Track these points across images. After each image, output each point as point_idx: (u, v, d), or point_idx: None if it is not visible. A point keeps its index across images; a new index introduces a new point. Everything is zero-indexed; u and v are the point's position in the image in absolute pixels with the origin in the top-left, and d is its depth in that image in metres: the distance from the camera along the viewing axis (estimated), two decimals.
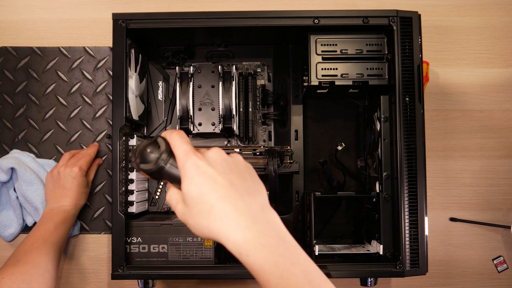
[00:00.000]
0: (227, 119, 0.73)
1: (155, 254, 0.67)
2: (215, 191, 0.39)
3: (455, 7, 0.85)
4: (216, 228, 0.38)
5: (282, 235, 0.39)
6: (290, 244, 0.39)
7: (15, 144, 0.81)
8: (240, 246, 0.38)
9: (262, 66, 0.79)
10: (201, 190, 0.39)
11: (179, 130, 0.43)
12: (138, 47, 0.73)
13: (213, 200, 0.38)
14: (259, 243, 0.38)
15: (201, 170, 0.39)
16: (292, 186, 0.77)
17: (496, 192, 0.82)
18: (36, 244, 0.66)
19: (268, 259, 0.37)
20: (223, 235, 0.38)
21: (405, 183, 0.64)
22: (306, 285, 0.37)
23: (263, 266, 0.37)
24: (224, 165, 0.41)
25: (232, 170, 0.41)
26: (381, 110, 0.68)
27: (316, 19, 0.66)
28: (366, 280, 0.68)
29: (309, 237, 0.69)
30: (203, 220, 0.39)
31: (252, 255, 0.37)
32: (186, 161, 0.40)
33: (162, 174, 0.43)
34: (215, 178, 0.39)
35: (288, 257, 0.38)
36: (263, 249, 0.37)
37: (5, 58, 0.82)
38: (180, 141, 0.42)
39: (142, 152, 0.44)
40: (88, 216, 0.80)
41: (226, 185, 0.39)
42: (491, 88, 0.83)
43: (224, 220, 0.38)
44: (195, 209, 0.39)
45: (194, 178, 0.39)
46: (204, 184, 0.39)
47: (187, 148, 0.41)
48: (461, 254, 0.81)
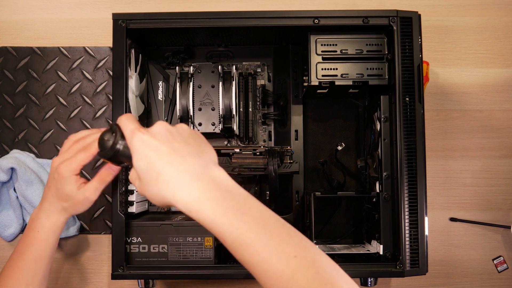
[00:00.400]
0: (227, 119, 0.73)
1: (155, 254, 0.67)
2: (160, 159, 0.41)
3: (455, 7, 0.85)
4: (165, 193, 0.41)
5: (229, 189, 0.41)
6: (240, 195, 0.41)
7: (15, 144, 0.81)
8: (187, 204, 0.40)
9: (262, 66, 0.79)
10: (148, 161, 0.42)
11: (127, 113, 0.47)
12: (138, 47, 0.73)
13: (159, 167, 0.41)
14: (205, 197, 0.40)
15: (146, 143, 0.42)
16: (292, 186, 0.77)
17: (496, 192, 0.82)
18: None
19: (217, 212, 0.39)
20: (172, 197, 0.40)
21: (405, 183, 0.64)
22: (258, 231, 0.39)
23: (213, 219, 0.39)
24: (168, 134, 0.43)
25: (175, 137, 0.43)
26: (381, 110, 0.68)
27: (316, 19, 0.66)
28: (366, 280, 0.68)
29: (309, 237, 0.69)
30: (154, 188, 0.41)
31: (201, 210, 0.39)
32: (132, 138, 0.43)
33: (119, 157, 0.47)
34: (159, 147, 0.42)
35: (237, 207, 0.40)
36: (210, 203, 0.39)
37: (5, 58, 0.82)
38: (126, 122, 0.46)
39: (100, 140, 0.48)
40: (88, 216, 0.80)
41: (169, 152, 0.41)
42: (491, 88, 0.83)
43: (170, 183, 0.40)
44: (145, 180, 0.42)
45: (141, 152, 0.42)
46: (149, 155, 0.42)
47: (132, 127, 0.44)
48: (461, 254, 0.81)
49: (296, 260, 0.38)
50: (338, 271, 0.39)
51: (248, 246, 0.38)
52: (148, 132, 0.43)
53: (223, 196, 0.40)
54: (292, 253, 0.38)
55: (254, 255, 0.38)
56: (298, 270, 0.37)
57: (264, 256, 0.38)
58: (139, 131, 0.43)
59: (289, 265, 0.37)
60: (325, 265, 0.39)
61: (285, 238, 0.39)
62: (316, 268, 0.38)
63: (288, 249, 0.38)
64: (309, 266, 0.37)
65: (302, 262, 0.38)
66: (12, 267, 0.60)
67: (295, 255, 0.38)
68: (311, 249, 0.39)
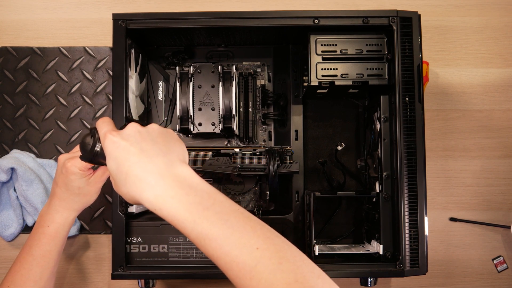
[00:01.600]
0: (227, 119, 0.73)
1: (155, 254, 0.67)
2: (128, 160, 0.43)
3: (455, 7, 0.85)
4: (133, 192, 0.42)
5: (193, 185, 0.42)
6: (203, 191, 0.42)
7: (15, 144, 0.81)
8: (152, 202, 0.41)
9: (262, 66, 0.79)
10: (118, 162, 0.43)
11: (104, 117, 0.49)
12: (138, 47, 0.73)
13: (126, 168, 0.42)
14: (168, 195, 0.41)
15: (116, 145, 0.44)
16: (292, 186, 0.77)
17: (496, 192, 0.82)
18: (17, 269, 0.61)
19: (179, 208, 0.40)
20: (138, 196, 0.42)
21: (405, 183, 0.64)
22: (221, 225, 0.40)
23: (176, 216, 0.40)
24: (137, 135, 0.44)
25: (144, 138, 0.45)
26: (381, 110, 0.68)
27: (316, 19, 0.66)
28: (366, 280, 0.68)
29: (309, 237, 0.69)
30: (123, 188, 0.43)
31: (164, 208, 0.41)
32: (104, 141, 0.45)
33: (98, 159, 0.49)
34: (128, 148, 0.43)
35: (200, 203, 0.41)
36: (173, 200, 0.41)
37: (5, 58, 0.82)
38: (101, 125, 0.47)
39: (81, 144, 0.50)
40: (88, 216, 0.80)
41: (137, 152, 0.43)
42: (491, 88, 0.83)
43: (137, 183, 0.42)
44: (117, 180, 0.43)
45: (112, 153, 0.44)
46: (119, 156, 0.43)
47: (106, 129, 0.46)
48: (461, 254, 0.81)
49: (259, 252, 0.38)
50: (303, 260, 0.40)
51: (210, 241, 0.39)
52: (119, 134, 0.45)
53: (186, 193, 0.41)
54: (254, 245, 0.39)
55: (216, 249, 0.39)
56: (260, 261, 0.38)
57: (226, 249, 0.39)
58: (110, 133, 0.45)
59: (251, 256, 0.38)
60: (289, 255, 0.39)
61: (248, 231, 0.40)
62: (279, 258, 0.38)
63: (250, 241, 0.39)
64: (271, 256, 0.38)
65: (265, 253, 0.38)
66: (20, 262, 0.60)
67: (257, 247, 0.39)
68: (275, 240, 0.40)
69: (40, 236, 0.61)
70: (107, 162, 0.44)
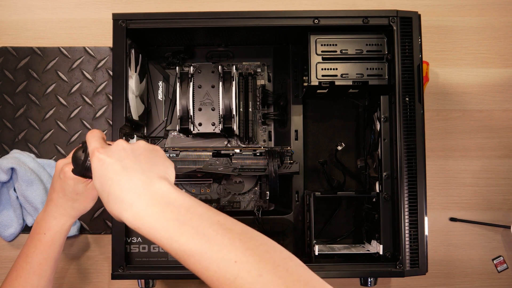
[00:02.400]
0: (227, 119, 0.73)
1: (155, 254, 0.67)
2: (110, 179, 0.42)
3: (455, 7, 0.85)
4: (114, 211, 0.42)
5: (171, 201, 0.41)
6: (180, 206, 0.41)
7: (15, 144, 0.81)
8: (131, 221, 0.41)
9: (262, 66, 0.79)
10: (101, 181, 0.43)
11: (92, 130, 0.49)
12: (138, 47, 0.73)
13: (108, 187, 0.42)
14: (144, 214, 0.40)
15: (101, 162, 0.43)
16: (292, 186, 0.77)
17: (496, 192, 0.82)
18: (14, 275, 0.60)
19: (156, 226, 0.40)
20: (119, 215, 0.42)
21: (405, 183, 0.64)
22: (197, 240, 0.39)
23: (153, 234, 0.40)
24: (122, 153, 0.44)
25: (128, 155, 0.44)
26: (381, 110, 0.68)
27: (316, 19, 0.66)
28: (366, 280, 0.68)
29: (309, 237, 0.69)
30: (107, 206, 0.43)
31: (142, 227, 0.40)
32: (92, 158, 0.44)
33: (89, 173, 0.48)
34: (112, 166, 0.43)
35: (177, 219, 0.40)
36: (149, 219, 0.40)
37: (5, 58, 0.82)
38: (90, 140, 0.47)
39: (73, 158, 0.50)
40: (88, 216, 0.80)
41: (119, 170, 0.43)
42: (491, 88, 0.83)
43: (117, 203, 0.42)
44: (102, 198, 0.43)
45: (97, 171, 0.43)
46: (103, 174, 0.43)
47: (94, 145, 0.46)
48: (461, 254, 0.81)
49: (237, 265, 0.37)
50: (288, 268, 0.37)
51: (189, 256, 0.39)
52: (105, 151, 0.44)
53: (162, 210, 0.41)
54: (233, 258, 0.38)
55: (196, 264, 0.39)
56: (239, 275, 0.37)
57: (205, 264, 0.38)
58: (97, 150, 0.44)
59: (230, 270, 0.37)
60: (270, 266, 0.37)
61: (226, 244, 0.39)
62: (258, 270, 0.37)
63: (229, 255, 0.38)
64: (250, 269, 0.37)
65: (244, 266, 0.37)
66: (17, 270, 0.59)
67: (235, 260, 0.37)
68: (255, 250, 0.38)
69: (37, 244, 0.60)
70: (94, 179, 0.44)
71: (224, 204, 0.79)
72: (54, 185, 0.60)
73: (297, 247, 0.75)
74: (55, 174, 0.60)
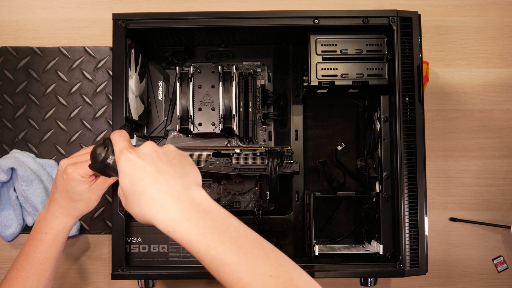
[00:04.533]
0: (227, 119, 0.73)
1: (155, 254, 0.67)
2: (143, 180, 0.42)
3: (455, 7, 0.85)
4: (146, 213, 0.42)
5: (208, 209, 0.42)
6: (218, 215, 0.42)
7: (15, 144, 0.81)
8: (166, 224, 0.41)
9: (262, 66, 0.79)
10: (132, 181, 0.42)
11: (120, 130, 0.48)
12: (138, 47, 0.73)
13: (141, 188, 0.42)
14: (183, 218, 0.40)
15: (132, 162, 0.43)
16: (292, 186, 0.77)
17: (496, 192, 0.82)
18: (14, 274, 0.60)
19: (194, 232, 0.40)
20: (152, 217, 0.41)
21: (405, 183, 0.64)
22: (235, 251, 0.39)
23: (190, 239, 0.40)
24: (154, 155, 0.44)
25: (160, 158, 0.44)
26: (381, 110, 0.68)
27: (316, 19, 0.66)
28: (366, 280, 0.68)
29: (309, 237, 0.69)
30: (136, 207, 0.42)
31: (179, 231, 0.40)
32: (119, 157, 0.44)
33: (108, 171, 0.48)
34: (144, 167, 0.43)
35: (215, 228, 0.40)
36: (188, 224, 0.40)
37: (5, 58, 0.82)
38: (117, 139, 0.47)
39: (92, 153, 0.50)
40: (88, 216, 0.80)
41: (153, 172, 0.42)
42: (491, 88, 0.83)
43: (151, 204, 0.41)
44: (129, 198, 0.43)
45: (126, 171, 0.43)
46: (134, 174, 0.43)
47: (122, 145, 0.45)
48: (461, 254, 0.81)
49: (271, 280, 0.38)
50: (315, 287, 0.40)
51: (224, 266, 0.39)
52: (136, 152, 0.44)
53: (201, 217, 0.41)
54: (268, 272, 0.39)
55: (229, 275, 0.39)
56: None
57: (239, 276, 0.39)
58: (127, 150, 0.44)
59: (264, 284, 0.38)
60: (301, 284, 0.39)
61: (261, 257, 0.40)
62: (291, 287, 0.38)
63: (264, 268, 0.39)
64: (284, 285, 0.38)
65: (277, 281, 0.38)
66: (17, 269, 0.59)
67: (270, 275, 0.38)
68: (287, 268, 0.40)
69: (38, 243, 0.60)
70: (120, 179, 0.44)
71: (224, 204, 0.79)
72: (57, 185, 0.59)
73: (297, 247, 0.75)
74: (58, 174, 0.59)
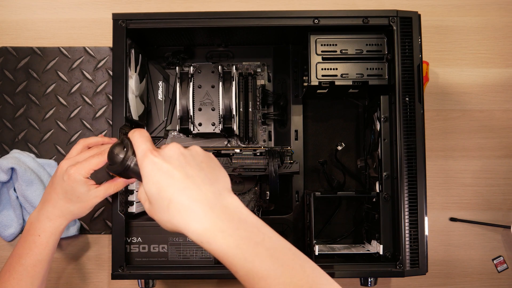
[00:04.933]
0: (227, 119, 0.73)
1: (155, 254, 0.67)
2: (172, 186, 0.40)
3: (455, 7, 0.85)
4: (176, 221, 0.39)
5: (243, 218, 0.40)
6: (253, 224, 0.40)
7: (15, 144, 0.81)
8: (200, 235, 0.38)
9: (262, 66, 0.79)
10: (159, 187, 0.40)
11: (140, 129, 0.45)
12: (138, 47, 0.73)
13: (170, 194, 0.39)
14: (217, 229, 0.38)
15: (158, 166, 0.40)
16: (292, 186, 0.77)
17: (496, 192, 0.82)
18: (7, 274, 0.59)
19: (229, 244, 0.38)
20: (183, 226, 0.39)
21: (405, 183, 0.64)
22: (272, 263, 0.38)
23: (225, 251, 0.38)
24: (181, 158, 0.42)
25: (189, 162, 0.42)
26: (381, 110, 0.68)
27: (316, 19, 0.66)
28: (366, 280, 0.68)
29: (309, 237, 0.69)
30: (164, 215, 0.40)
31: (213, 242, 0.38)
32: (143, 160, 0.41)
33: (128, 173, 0.45)
34: (171, 172, 0.40)
35: (250, 238, 0.39)
36: (223, 235, 0.38)
37: (5, 58, 0.82)
38: (139, 140, 0.44)
39: (110, 153, 0.46)
40: (88, 216, 0.80)
41: (182, 178, 0.40)
42: (491, 88, 0.83)
43: (182, 212, 0.39)
44: (156, 205, 0.40)
45: (152, 176, 0.40)
46: (161, 180, 0.40)
47: (145, 147, 0.43)
48: (461, 254, 0.81)
49: None
50: None
51: (260, 279, 0.37)
52: (161, 155, 0.41)
53: (236, 227, 0.39)
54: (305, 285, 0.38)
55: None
56: None
57: None
58: (151, 153, 0.41)
59: None
60: None
61: (298, 270, 0.39)
62: None
63: (301, 281, 0.38)
64: None
65: None
66: (9, 272, 0.58)
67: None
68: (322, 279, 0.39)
69: (31, 245, 0.58)
70: (145, 184, 0.41)
71: None
72: (55, 186, 0.58)
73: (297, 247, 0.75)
74: (58, 175, 0.58)
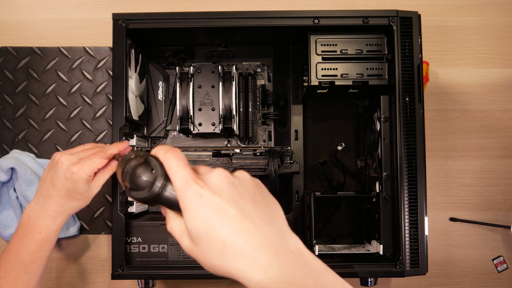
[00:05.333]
0: (227, 119, 0.73)
1: (155, 254, 0.67)
2: (226, 225, 0.34)
3: (455, 7, 0.85)
4: (233, 268, 0.34)
5: (308, 263, 0.35)
6: (317, 271, 0.35)
7: (15, 144, 0.81)
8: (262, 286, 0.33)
9: (262, 66, 0.79)
10: (209, 225, 0.34)
11: (174, 149, 0.38)
12: (138, 47, 0.73)
13: (225, 236, 0.33)
14: (284, 280, 0.33)
15: (205, 200, 0.34)
16: (292, 186, 0.77)
17: (496, 192, 0.82)
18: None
19: None
20: (242, 275, 0.33)
21: (405, 183, 0.64)
22: None
23: None
24: (232, 190, 0.36)
25: (241, 195, 0.36)
26: (381, 110, 0.68)
27: (316, 19, 0.66)
28: (366, 280, 0.68)
29: (309, 237, 0.69)
30: (216, 259, 0.34)
31: None
32: (186, 191, 0.35)
33: (158, 201, 0.38)
34: (224, 208, 0.34)
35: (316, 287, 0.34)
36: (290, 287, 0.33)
37: (5, 58, 0.82)
38: (176, 164, 0.37)
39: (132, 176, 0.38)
40: (88, 216, 0.80)
41: (238, 217, 0.34)
42: (491, 88, 0.83)
43: (241, 259, 0.33)
44: (204, 246, 0.34)
45: (199, 212, 0.34)
46: (211, 217, 0.34)
47: (185, 174, 0.36)
48: (461, 254, 0.81)
49: None
50: None
51: None
52: (207, 185, 0.35)
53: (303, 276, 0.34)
54: None
55: None
56: None
57: None
58: (195, 182, 0.35)
59: None
60: None
61: None
62: None
63: None
64: None
65: None
66: (6, 268, 0.56)
67: None
68: None
69: (30, 242, 0.57)
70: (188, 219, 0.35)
71: None
72: (56, 183, 0.56)
73: None
74: (59, 172, 0.56)
